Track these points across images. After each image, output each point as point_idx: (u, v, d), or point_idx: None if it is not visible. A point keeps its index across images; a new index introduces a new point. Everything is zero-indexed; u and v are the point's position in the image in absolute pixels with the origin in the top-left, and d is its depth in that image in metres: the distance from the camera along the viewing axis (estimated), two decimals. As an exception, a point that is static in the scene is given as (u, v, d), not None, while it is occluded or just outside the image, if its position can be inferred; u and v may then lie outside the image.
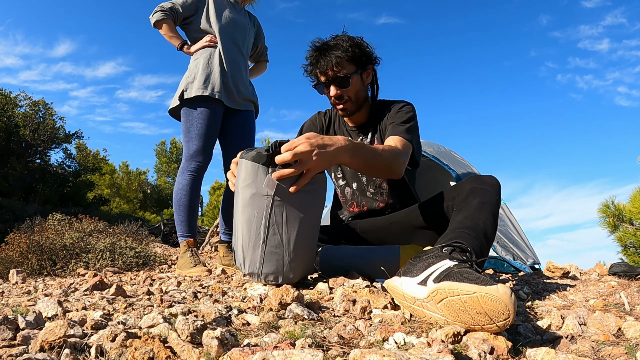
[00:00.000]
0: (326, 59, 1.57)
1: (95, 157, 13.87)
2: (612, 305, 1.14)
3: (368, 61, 1.65)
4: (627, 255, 3.92)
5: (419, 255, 1.01)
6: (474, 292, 0.78)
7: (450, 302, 0.81)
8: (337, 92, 1.60)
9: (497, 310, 0.76)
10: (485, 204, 1.29)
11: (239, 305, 1.04)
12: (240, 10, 2.45)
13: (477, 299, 0.77)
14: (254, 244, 1.17)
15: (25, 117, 9.09)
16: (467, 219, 1.23)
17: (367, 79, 1.69)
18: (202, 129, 2.15)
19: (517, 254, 2.79)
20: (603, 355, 0.73)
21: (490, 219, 1.25)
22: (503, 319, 0.76)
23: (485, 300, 0.76)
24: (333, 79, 1.59)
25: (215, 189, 12.50)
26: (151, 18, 2.26)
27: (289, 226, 1.16)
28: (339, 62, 1.57)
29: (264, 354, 0.62)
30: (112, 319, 0.92)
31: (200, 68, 2.20)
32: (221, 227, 2.38)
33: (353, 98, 1.63)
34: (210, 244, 5.24)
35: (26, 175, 8.74)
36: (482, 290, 0.77)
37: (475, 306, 0.77)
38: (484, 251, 1.16)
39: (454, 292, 0.80)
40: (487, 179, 1.40)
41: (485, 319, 0.77)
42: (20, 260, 2.84)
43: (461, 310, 0.79)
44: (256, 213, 1.15)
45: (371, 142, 1.70)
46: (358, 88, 1.63)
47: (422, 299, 0.87)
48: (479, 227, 1.19)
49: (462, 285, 0.80)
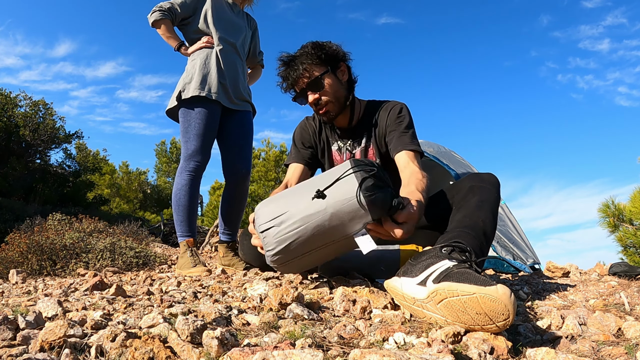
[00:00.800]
0: (294, 68, 1.57)
1: (95, 157, 13.87)
2: (612, 305, 1.14)
3: (337, 59, 1.61)
4: (627, 255, 3.92)
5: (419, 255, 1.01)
6: (473, 292, 0.78)
7: (449, 303, 0.81)
8: (315, 96, 1.58)
9: (497, 310, 0.76)
10: (484, 202, 1.28)
11: (239, 305, 1.04)
12: (238, 12, 2.45)
13: (477, 300, 0.77)
14: (293, 239, 1.11)
15: (25, 117, 9.09)
16: (466, 217, 1.22)
17: (343, 77, 1.64)
18: (200, 128, 2.16)
19: (517, 254, 2.79)
20: (603, 355, 0.73)
21: (490, 217, 1.25)
22: (503, 319, 0.76)
23: (484, 300, 0.76)
24: (307, 86, 1.57)
25: (215, 189, 12.50)
26: (149, 17, 2.26)
27: (327, 256, 1.18)
28: (307, 68, 1.56)
29: (264, 354, 0.62)
30: (112, 319, 0.92)
31: (197, 69, 2.20)
32: (221, 227, 2.38)
33: (332, 98, 1.59)
34: (210, 244, 5.24)
35: (26, 175, 8.74)
36: (482, 291, 0.77)
37: (475, 307, 0.77)
38: (484, 250, 1.16)
39: (453, 292, 0.80)
40: (486, 177, 1.40)
41: (485, 319, 0.77)
42: (20, 260, 2.84)
43: (461, 310, 0.79)
44: (319, 227, 1.09)
45: (366, 146, 1.68)
46: (335, 88, 1.59)
47: (422, 299, 0.87)
48: (478, 225, 1.19)
49: (461, 286, 0.80)
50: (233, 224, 2.36)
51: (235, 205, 2.35)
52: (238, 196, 2.34)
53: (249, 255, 1.74)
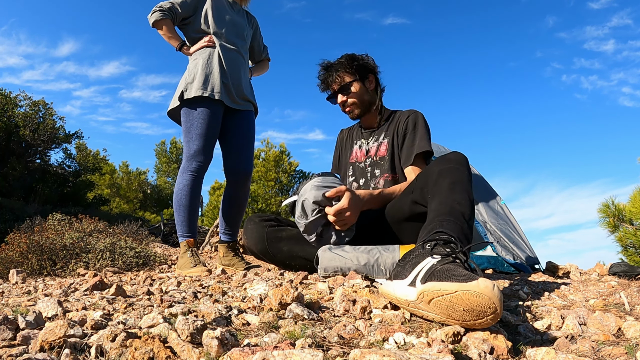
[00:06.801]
0: (330, 74, 1.95)
1: (95, 157, 13.86)
2: (612, 305, 1.14)
3: (366, 70, 1.96)
4: (627, 255, 3.91)
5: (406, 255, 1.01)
6: (455, 290, 0.78)
7: (438, 302, 0.81)
8: (343, 98, 1.95)
9: (482, 304, 0.76)
10: (455, 183, 1.30)
11: (239, 305, 1.04)
12: (239, 11, 2.45)
13: (460, 297, 0.77)
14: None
15: (25, 117, 9.08)
16: (441, 204, 1.24)
17: (370, 86, 1.98)
18: (202, 128, 2.15)
19: (517, 254, 2.79)
20: (603, 355, 0.73)
21: (465, 197, 1.26)
22: (491, 313, 0.76)
23: (468, 296, 0.76)
24: (338, 89, 1.94)
25: (215, 189, 12.49)
26: (150, 17, 2.25)
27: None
28: (340, 75, 1.93)
29: (264, 354, 0.62)
30: (112, 319, 0.92)
31: (199, 68, 2.20)
32: (221, 227, 2.37)
33: (358, 101, 1.94)
34: (210, 244, 5.24)
35: (26, 175, 8.74)
36: (463, 288, 0.77)
37: (461, 304, 0.77)
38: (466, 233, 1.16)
39: (437, 292, 0.80)
40: (452, 157, 1.43)
41: (473, 315, 0.77)
42: (20, 260, 2.84)
43: (450, 308, 0.79)
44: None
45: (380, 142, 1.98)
46: (361, 93, 1.94)
47: (414, 301, 0.87)
48: (455, 209, 1.20)
49: (444, 285, 0.80)
50: (234, 224, 2.36)
51: (236, 205, 2.34)
52: (239, 196, 2.33)
53: (252, 239, 1.79)
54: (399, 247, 1.41)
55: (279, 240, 1.73)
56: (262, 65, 2.68)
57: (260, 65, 2.67)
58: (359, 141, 2.07)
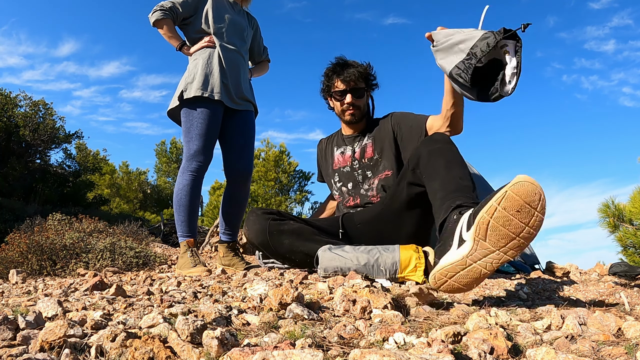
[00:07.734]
0: (350, 71, 2.00)
1: (95, 157, 13.84)
2: (612, 305, 1.14)
3: (372, 86, 2.10)
4: (627, 255, 3.91)
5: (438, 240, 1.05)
6: (505, 191, 0.84)
7: (493, 227, 0.85)
8: (353, 100, 2.03)
9: (529, 191, 0.82)
10: (450, 162, 1.34)
11: (239, 305, 1.04)
12: (240, 11, 2.45)
13: (511, 195, 0.83)
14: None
15: (25, 117, 9.06)
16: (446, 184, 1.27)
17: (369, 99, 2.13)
18: (202, 128, 2.15)
19: (517, 254, 2.79)
20: (603, 355, 0.73)
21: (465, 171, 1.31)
22: (538, 200, 0.82)
23: (516, 190, 0.82)
24: (352, 89, 2.02)
25: (215, 189, 12.49)
26: (150, 17, 2.25)
27: None
28: (358, 78, 2.01)
29: (264, 354, 0.62)
30: (112, 319, 0.92)
31: (199, 69, 2.20)
32: (221, 227, 2.37)
33: (362, 108, 2.06)
34: (210, 244, 5.24)
35: (26, 175, 8.73)
36: (508, 186, 0.84)
37: (513, 204, 0.83)
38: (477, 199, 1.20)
39: (491, 210, 0.85)
40: (437, 137, 1.49)
41: (526, 212, 0.82)
42: (20, 260, 2.84)
43: (505, 223, 0.84)
44: None
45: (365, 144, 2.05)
46: (364, 101, 2.08)
47: (470, 250, 0.90)
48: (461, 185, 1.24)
49: (493, 199, 0.86)
50: (233, 224, 2.36)
51: (236, 205, 2.34)
52: (239, 196, 2.33)
53: (253, 232, 1.79)
54: (399, 247, 1.41)
55: (280, 233, 1.73)
56: (262, 66, 2.67)
57: (260, 66, 2.66)
58: (340, 148, 2.15)
